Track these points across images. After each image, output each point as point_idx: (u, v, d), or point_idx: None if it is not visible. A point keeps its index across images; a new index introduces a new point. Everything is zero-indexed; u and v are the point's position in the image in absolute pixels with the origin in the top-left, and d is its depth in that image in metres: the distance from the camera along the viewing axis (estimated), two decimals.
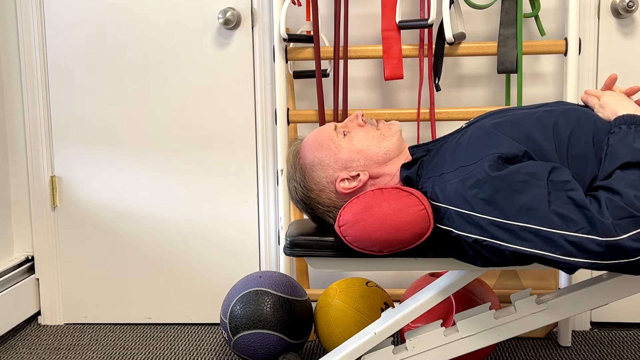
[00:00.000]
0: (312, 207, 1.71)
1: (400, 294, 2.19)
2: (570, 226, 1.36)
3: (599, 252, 1.35)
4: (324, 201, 1.69)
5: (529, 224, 1.39)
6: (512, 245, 1.41)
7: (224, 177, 2.44)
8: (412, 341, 1.66)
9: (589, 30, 2.25)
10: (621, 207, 1.35)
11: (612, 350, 2.18)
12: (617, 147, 1.46)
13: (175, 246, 2.48)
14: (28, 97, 2.45)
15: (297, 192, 1.71)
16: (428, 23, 2.10)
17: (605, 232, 1.34)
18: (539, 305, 1.61)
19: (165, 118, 2.43)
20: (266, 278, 2.10)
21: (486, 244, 1.44)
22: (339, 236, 1.57)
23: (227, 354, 2.24)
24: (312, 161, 1.69)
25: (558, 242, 1.37)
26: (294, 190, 1.72)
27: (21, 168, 2.50)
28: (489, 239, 1.43)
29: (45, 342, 2.38)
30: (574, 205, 1.37)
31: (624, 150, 1.44)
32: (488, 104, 2.33)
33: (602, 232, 1.34)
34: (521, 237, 1.40)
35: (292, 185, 1.72)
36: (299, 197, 1.71)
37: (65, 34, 2.42)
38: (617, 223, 1.34)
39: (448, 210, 1.49)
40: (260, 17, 2.36)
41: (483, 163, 1.47)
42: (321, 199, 1.69)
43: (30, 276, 2.52)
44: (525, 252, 1.40)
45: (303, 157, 1.71)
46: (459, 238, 1.48)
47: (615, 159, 1.44)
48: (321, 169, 1.67)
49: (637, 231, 1.33)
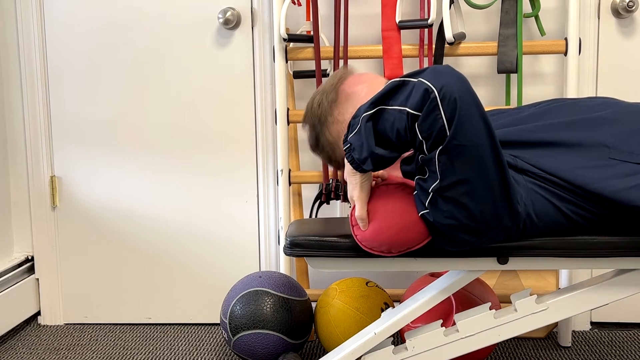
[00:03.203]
0: (322, 129, 1.69)
1: (400, 294, 2.19)
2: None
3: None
4: (332, 131, 1.68)
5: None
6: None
7: (224, 177, 2.44)
8: (412, 341, 1.66)
9: (589, 30, 2.25)
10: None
11: (612, 350, 2.18)
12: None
13: (175, 246, 2.48)
14: (28, 98, 2.45)
15: (320, 106, 1.69)
16: (428, 23, 2.10)
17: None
18: (539, 305, 1.61)
19: (165, 118, 2.43)
20: (266, 278, 2.10)
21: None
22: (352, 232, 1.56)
23: (227, 354, 2.24)
24: (353, 92, 1.68)
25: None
26: (318, 103, 1.69)
27: (21, 168, 2.50)
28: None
29: (45, 342, 2.38)
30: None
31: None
32: (488, 104, 2.32)
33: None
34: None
35: (320, 98, 1.70)
36: (318, 113, 1.69)
37: (65, 34, 2.42)
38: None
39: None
40: (260, 17, 2.36)
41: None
42: (333, 128, 1.68)
43: (30, 276, 2.52)
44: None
45: (347, 84, 1.69)
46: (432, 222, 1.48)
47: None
48: (353, 105, 1.64)
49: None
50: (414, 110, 1.36)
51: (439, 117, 1.35)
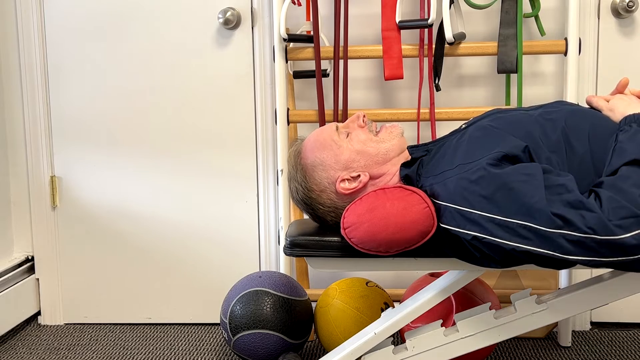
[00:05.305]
0: (313, 207, 1.71)
1: (400, 294, 2.19)
2: (570, 226, 1.36)
3: (598, 250, 1.35)
4: (324, 202, 1.69)
5: (528, 223, 1.39)
6: (511, 242, 1.41)
7: (224, 177, 2.44)
8: (412, 341, 1.66)
9: (589, 30, 2.25)
10: (624, 206, 1.35)
11: (612, 350, 2.18)
12: (625, 144, 1.46)
13: (175, 246, 2.48)
14: (28, 97, 2.45)
15: (299, 192, 1.71)
16: (428, 23, 2.10)
17: (605, 231, 1.34)
18: (539, 305, 1.61)
19: (165, 118, 2.43)
20: (266, 278, 2.10)
21: (485, 241, 1.44)
22: (344, 238, 1.57)
23: (227, 354, 2.24)
24: (313, 161, 1.69)
25: (557, 240, 1.37)
26: (295, 190, 1.72)
27: (21, 168, 2.50)
28: (487, 236, 1.43)
29: (45, 342, 2.38)
30: (570, 207, 1.37)
31: (633, 147, 1.45)
32: (488, 104, 2.32)
33: (601, 231, 1.34)
34: (520, 234, 1.40)
35: (294, 186, 1.72)
36: (300, 197, 1.71)
37: (65, 34, 2.42)
38: (618, 223, 1.34)
39: (447, 208, 1.50)
40: (260, 17, 2.36)
41: (483, 161, 1.47)
42: (322, 200, 1.69)
43: (30, 276, 2.52)
44: (523, 249, 1.40)
45: (304, 157, 1.71)
46: (458, 236, 1.48)
47: (623, 154, 1.44)
48: (322, 169, 1.67)
49: (638, 231, 1.34)
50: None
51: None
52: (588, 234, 1.35)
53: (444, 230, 1.51)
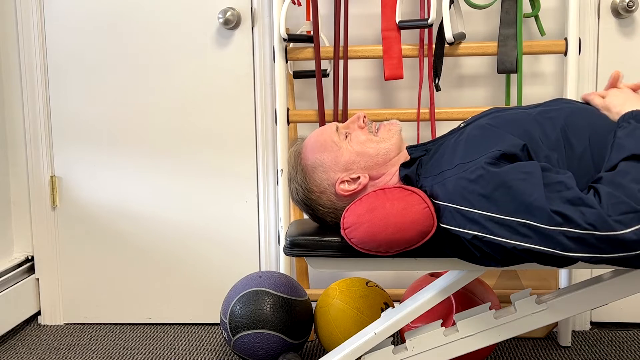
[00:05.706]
0: (313, 208, 1.71)
1: (400, 294, 2.19)
2: (570, 223, 1.36)
3: (599, 246, 1.35)
4: (324, 203, 1.69)
5: (528, 220, 1.39)
6: (511, 241, 1.41)
7: (224, 177, 2.44)
8: (412, 341, 1.66)
9: (589, 30, 2.25)
10: (623, 201, 1.35)
11: (612, 350, 2.18)
12: (624, 140, 1.46)
13: (175, 246, 2.48)
14: (28, 97, 2.45)
15: (298, 193, 1.71)
16: (428, 23, 2.10)
17: (605, 227, 1.34)
18: (539, 305, 1.61)
19: (165, 118, 2.43)
20: (266, 278, 2.10)
21: (486, 240, 1.44)
22: (344, 238, 1.57)
23: (227, 354, 2.24)
24: (313, 163, 1.69)
25: (557, 238, 1.37)
26: (295, 191, 1.72)
27: (21, 168, 2.50)
28: (488, 235, 1.43)
29: (45, 342, 2.38)
30: (570, 204, 1.37)
31: (631, 143, 1.45)
32: (488, 104, 2.32)
33: (601, 227, 1.34)
34: (520, 232, 1.40)
35: (293, 187, 1.72)
36: (300, 198, 1.71)
37: (65, 34, 2.42)
38: (618, 218, 1.34)
39: (447, 207, 1.50)
40: (260, 17, 2.36)
41: (482, 160, 1.47)
42: (322, 201, 1.69)
43: (30, 276, 2.52)
44: (524, 247, 1.40)
45: (305, 158, 1.71)
46: (458, 236, 1.48)
47: (622, 150, 1.44)
48: (322, 170, 1.68)
49: (638, 226, 1.34)
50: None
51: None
52: (588, 230, 1.35)
53: (444, 230, 1.51)
